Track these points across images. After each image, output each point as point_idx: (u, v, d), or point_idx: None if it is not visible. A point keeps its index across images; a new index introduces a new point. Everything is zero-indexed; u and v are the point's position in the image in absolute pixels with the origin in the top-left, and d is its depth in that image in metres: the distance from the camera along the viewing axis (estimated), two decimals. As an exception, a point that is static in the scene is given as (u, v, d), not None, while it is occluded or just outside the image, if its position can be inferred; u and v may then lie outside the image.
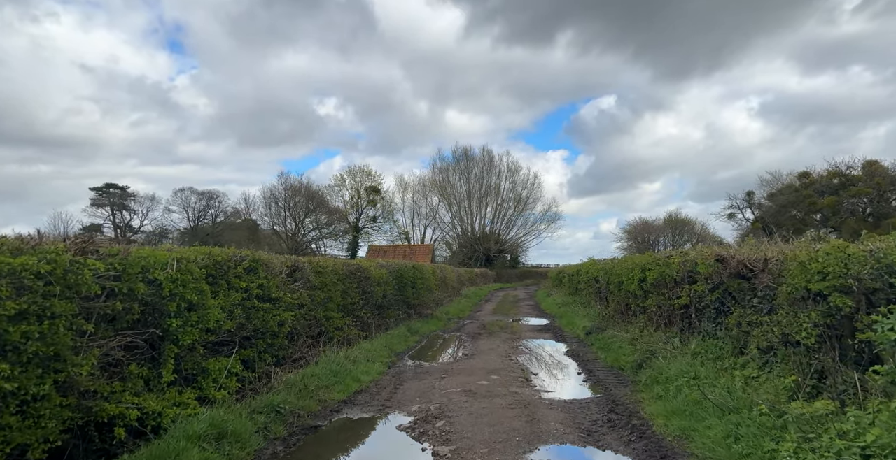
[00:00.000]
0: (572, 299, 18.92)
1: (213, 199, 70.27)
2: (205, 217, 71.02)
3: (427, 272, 17.99)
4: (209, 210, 70.96)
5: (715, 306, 6.49)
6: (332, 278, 9.68)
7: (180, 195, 70.99)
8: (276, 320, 6.97)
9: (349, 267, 10.88)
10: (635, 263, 10.15)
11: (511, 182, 57.45)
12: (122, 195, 69.58)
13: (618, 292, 11.56)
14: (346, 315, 10.25)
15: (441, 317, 16.91)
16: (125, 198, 69.46)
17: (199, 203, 70.66)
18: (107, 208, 68.89)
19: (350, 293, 10.56)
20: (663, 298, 8.34)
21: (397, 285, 14.18)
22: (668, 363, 6.64)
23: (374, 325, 11.49)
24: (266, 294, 6.91)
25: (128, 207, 69.93)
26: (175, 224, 69.77)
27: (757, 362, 5.26)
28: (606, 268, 13.03)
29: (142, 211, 69.96)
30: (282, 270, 7.57)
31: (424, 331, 13.62)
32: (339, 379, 7.10)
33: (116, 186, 69.41)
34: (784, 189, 37.85)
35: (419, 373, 8.21)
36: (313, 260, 9.45)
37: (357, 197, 55.49)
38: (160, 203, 69.57)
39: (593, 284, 14.74)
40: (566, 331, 13.40)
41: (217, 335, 5.81)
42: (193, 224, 69.62)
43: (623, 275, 10.87)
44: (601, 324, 11.82)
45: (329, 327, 9.37)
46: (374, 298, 11.91)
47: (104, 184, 69.18)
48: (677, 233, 65.51)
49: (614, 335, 9.99)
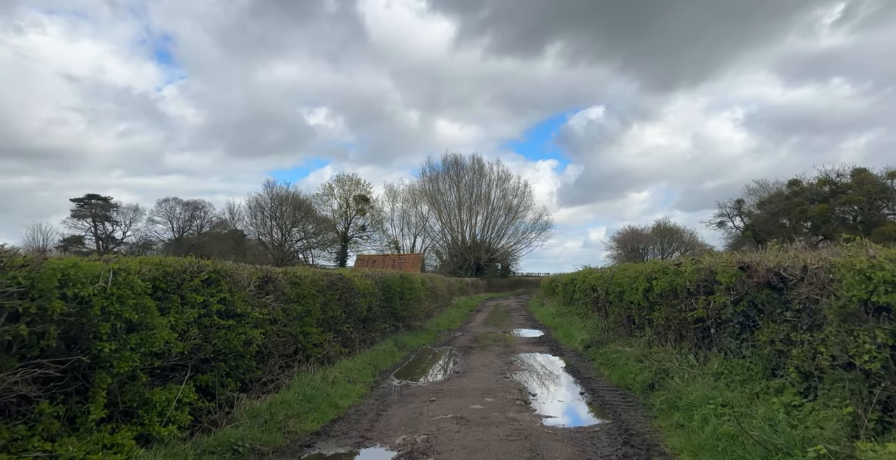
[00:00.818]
0: (567, 309, 18.15)
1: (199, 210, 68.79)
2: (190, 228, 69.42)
3: (416, 282, 17.14)
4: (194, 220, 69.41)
5: (738, 320, 5.74)
6: (310, 290, 8.81)
7: (165, 206, 69.42)
8: (242, 339, 6.08)
9: (331, 277, 10.02)
10: (639, 272, 9.42)
11: (501, 190, 56.97)
12: (104, 206, 67.92)
13: (618, 303, 10.81)
14: (326, 330, 9.36)
15: (431, 330, 16.03)
16: (108, 210, 67.79)
17: (184, 213, 69.12)
18: (88, 220, 67.12)
19: (331, 306, 9.68)
20: (673, 310, 7.59)
21: (384, 296, 13.32)
22: (687, 385, 5.86)
23: (357, 340, 10.60)
24: (230, 309, 6.03)
25: (110, 218, 68.22)
26: (159, 235, 68.12)
27: (797, 387, 4.49)
28: (605, 276, 12.30)
29: (125, 222, 68.26)
30: (250, 282, 6.69)
31: (413, 345, 12.74)
32: (313, 405, 6.21)
33: (98, 197, 67.72)
34: (774, 197, 37.62)
35: (405, 396, 7.34)
36: (289, 270, 8.58)
37: (346, 206, 54.54)
38: (144, 214, 67.98)
39: (590, 294, 13.99)
40: (563, 344, 12.60)
41: (166, 359, 4.92)
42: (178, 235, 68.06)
43: (625, 285, 10.12)
44: (601, 336, 11.04)
45: (307, 344, 8.47)
46: (358, 311, 11.03)
47: (86, 195, 67.48)
48: (666, 241, 65.41)
49: (617, 350, 9.20)
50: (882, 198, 32.22)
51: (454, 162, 56.72)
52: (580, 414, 6.57)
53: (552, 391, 7.92)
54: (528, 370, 9.58)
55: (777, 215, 35.17)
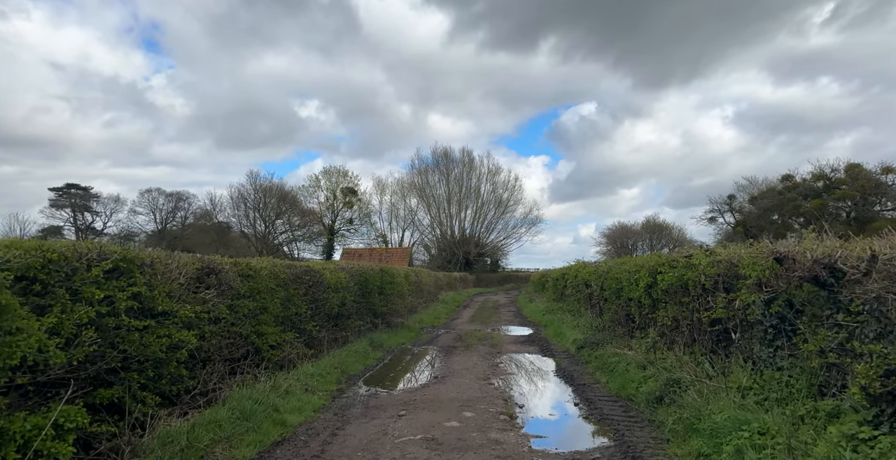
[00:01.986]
0: (557, 306, 17.13)
1: (183, 201, 66.96)
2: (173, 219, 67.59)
3: (398, 276, 15.99)
4: (178, 212, 67.59)
5: (771, 323, 4.68)
6: (268, 283, 7.64)
7: (147, 196, 67.46)
8: (165, 343, 4.89)
9: (295, 269, 8.84)
10: (640, 265, 8.36)
11: (492, 184, 55.72)
12: (84, 196, 65.79)
13: (615, 300, 9.76)
14: (287, 329, 8.20)
15: (413, 327, 14.93)
16: (87, 200, 65.68)
17: (167, 204, 67.25)
18: (67, 210, 65.00)
19: (295, 302, 8.51)
20: (684, 309, 6.54)
21: (360, 291, 12.16)
22: (707, 401, 4.80)
23: (326, 340, 9.44)
24: (147, 307, 4.85)
25: (90, 209, 66.13)
26: (141, 226, 66.20)
27: (862, 414, 3.44)
28: (599, 271, 11.25)
29: (105, 213, 66.20)
30: (181, 273, 5.51)
31: (391, 344, 11.62)
32: (252, 423, 5.07)
33: (78, 187, 65.59)
34: (766, 192, 36.87)
35: (371, 408, 6.22)
36: (241, 261, 7.40)
37: (333, 198, 53.06)
38: (126, 204, 65.98)
39: (583, 290, 12.96)
40: (554, 344, 11.56)
41: (42, 372, 3.75)
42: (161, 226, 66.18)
43: (623, 280, 9.07)
44: (595, 336, 10.00)
45: (262, 346, 7.31)
46: (328, 307, 9.87)
47: (65, 185, 65.32)
48: (655, 237, 64.90)
49: (615, 353, 8.15)
50: (876, 194, 31.64)
51: (444, 155, 55.44)
52: (576, 432, 5.50)
53: (542, 401, 6.85)
54: (515, 374, 8.50)
55: (770, 211, 34.47)
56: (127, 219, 65.71)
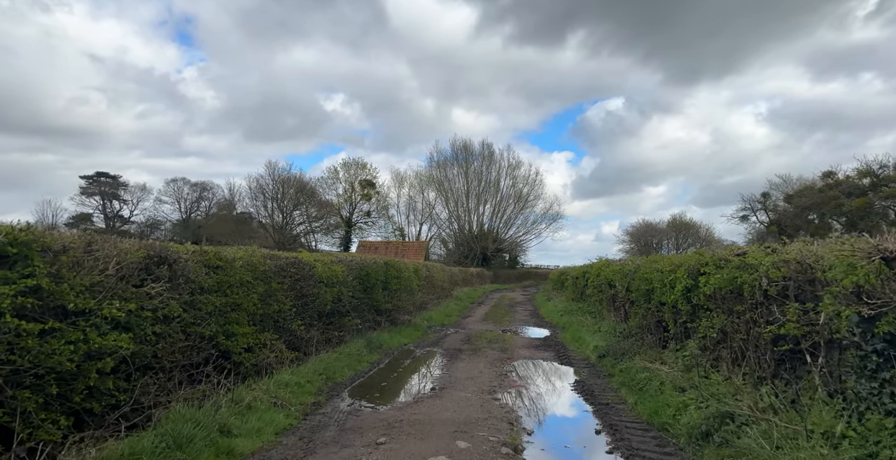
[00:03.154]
0: (577, 306, 15.80)
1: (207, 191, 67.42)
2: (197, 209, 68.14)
3: (406, 271, 14.89)
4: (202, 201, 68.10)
5: (874, 347, 3.37)
6: (242, 276, 6.60)
7: (172, 186, 68.20)
8: (79, 350, 3.86)
9: (278, 261, 7.79)
10: (675, 264, 7.03)
11: (511, 178, 53.97)
12: (112, 184, 66.83)
13: (644, 303, 8.44)
14: (265, 329, 7.17)
15: (420, 325, 13.82)
16: (116, 188, 66.69)
17: (191, 194, 67.86)
18: (97, 197, 66.12)
19: (277, 297, 7.47)
20: (735, 321, 5.23)
21: (361, 286, 11.10)
22: (778, 449, 3.51)
23: (315, 341, 8.39)
24: (52, 304, 3.82)
25: (119, 197, 67.17)
26: (167, 215, 67.00)
27: None
28: (625, 270, 9.92)
29: (132, 201, 67.17)
30: (108, 264, 4.46)
31: (392, 344, 10.53)
32: (187, 454, 4.00)
33: (108, 175, 66.63)
34: (803, 190, 34.37)
35: (346, 431, 5.10)
36: (210, 249, 6.36)
37: (351, 190, 52.28)
38: (151, 193, 66.80)
39: (606, 290, 11.62)
40: (572, 350, 10.30)
41: None
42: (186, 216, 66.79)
43: (654, 281, 7.75)
44: (620, 344, 8.71)
45: (232, 348, 6.28)
46: (319, 303, 8.81)
47: (95, 173, 66.45)
48: (681, 235, 62.51)
49: (646, 367, 6.87)
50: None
51: (463, 147, 53.91)
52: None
53: (556, 427, 5.64)
54: (525, 387, 7.30)
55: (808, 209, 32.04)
56: (153, 208, 66.51)
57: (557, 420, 5.93)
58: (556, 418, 5.99)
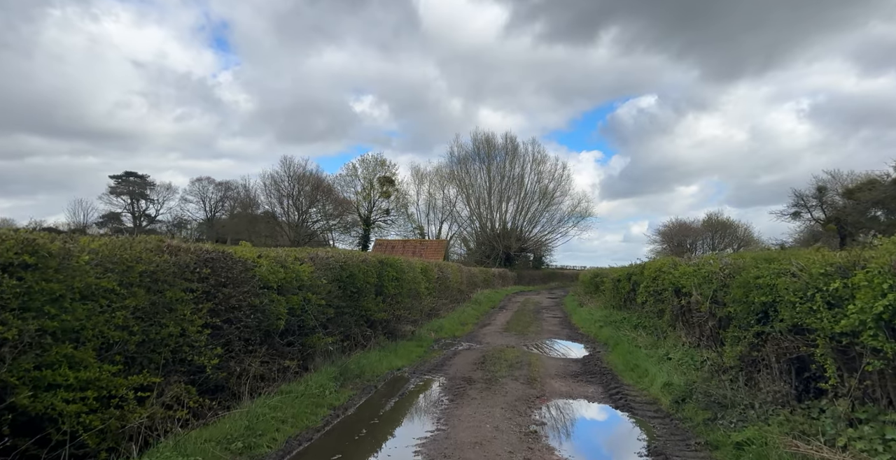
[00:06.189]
0: (620, 316, 12.58)
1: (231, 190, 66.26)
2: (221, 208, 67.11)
3: (410, 271, 12.00)
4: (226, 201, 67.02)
5: None
6: (87, 280, 3.80)
7: (197, 185, 67.49)
8: None
9: (183, 256, 4.95)
10: (846, 263, 3.88)
11: (536, 173, 50.16)
12: (140, 184, 66.48)
13: (753, 325, 5.28)
14: (143, 368, 4.34)
15: (425, 338, 10.91)
16: (144, 187, 66.32)
17: (215, 193, 66.90)
18: (125, 197, 65.86)
19: (177, 313, 4.64)
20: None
21: (342, 292, 8.25)
22: None
23: (249, 378, 5.51)
24: None
25: (146, 196, 66.81)
26: (192, 214, 66.31)
27: None
28: (708, 271, 6.73)
29: (158, 200, 66.71)
30: None
31: (378, 370, 7.63)
32: None
33: (136, 175, 66.38)
34: (868, 184, 29.86)
35: None
36: (21, 236, 3.57)
37: (369, 187, 49.73)
38: (177, 192, 66.24)
39: (671, 300, 8.40)
40: (627, 383, 7.17)
41: None
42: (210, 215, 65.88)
43: (781, 289, 4.61)
44: (709, 385, 5.58)
45: (47, 412, 3.46)
46: (264, 319, 5.96)
47: (124, 172, 66.30)
48: (717, 235, 57.87)
49: (792, 444, 3.74)
50: None
51: (485, 141, 50.32)
52: None
53: None
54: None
55: (877, 205, 27.57)
56: (178, 207, 65.90)
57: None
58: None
